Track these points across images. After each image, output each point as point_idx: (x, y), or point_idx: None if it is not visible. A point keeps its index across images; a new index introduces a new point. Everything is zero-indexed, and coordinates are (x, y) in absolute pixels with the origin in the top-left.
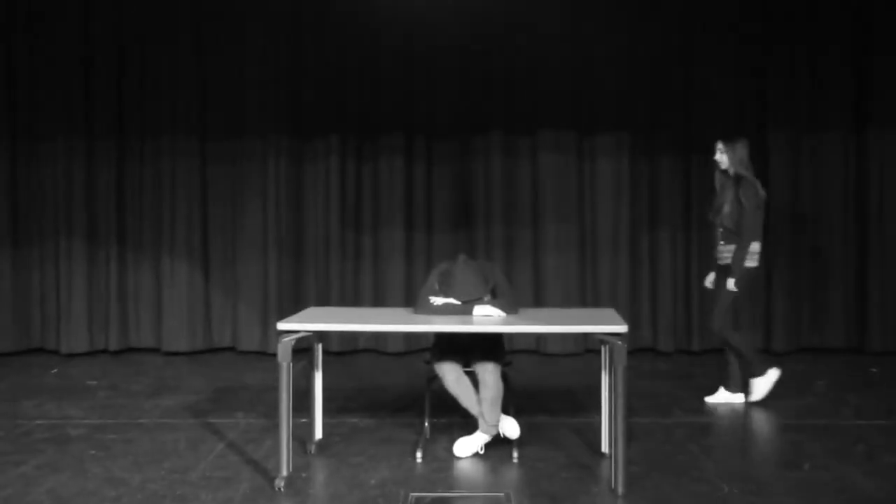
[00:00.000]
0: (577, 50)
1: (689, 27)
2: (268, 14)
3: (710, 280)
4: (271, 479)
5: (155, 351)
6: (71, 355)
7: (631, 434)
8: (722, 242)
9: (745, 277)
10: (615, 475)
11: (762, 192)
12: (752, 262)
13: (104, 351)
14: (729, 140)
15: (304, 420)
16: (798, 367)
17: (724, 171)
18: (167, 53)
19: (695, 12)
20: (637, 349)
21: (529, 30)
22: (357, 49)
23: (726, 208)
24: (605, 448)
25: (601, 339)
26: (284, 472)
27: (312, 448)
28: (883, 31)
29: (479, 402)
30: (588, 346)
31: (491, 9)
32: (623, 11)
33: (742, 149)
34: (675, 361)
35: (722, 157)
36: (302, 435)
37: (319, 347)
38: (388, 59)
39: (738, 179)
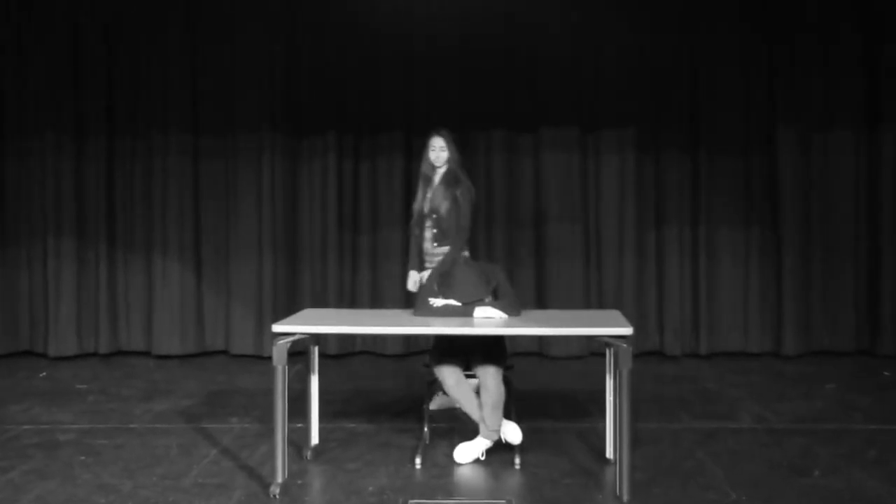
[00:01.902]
0: (580, 45)
1: (694, 21)
2: (264, 8)
3: (413, 282)
4: (266, 486)
5: (146, 354)
6: (59, 358)
7: (637, 440)
8: (435, 244)
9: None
10: (620, 482)
11: (474, 192)
12: None
13: (94, 354)
14: (448, 136)
15: (299, 425)
16: (808, 370)
17: (434, 168)
18: (159, 47)
19: (701, 6)
20: (643, 352)
21: (531, 25)
22: (355, 44)
23: (444, 208)
24: (609, 454)
25: (606, 341)
26: (279, 479)
27: (308, 454)
28: (893, 24)
29: (480, 406)
30: (592, 349)
31: (492, 4)
32: (627, 5)
33: (456, 145)
34: (682, 365)
35: (442, 154)
36: (298, 440)
37: (316, 350)
38: (387, 54)
39: (455, 178)
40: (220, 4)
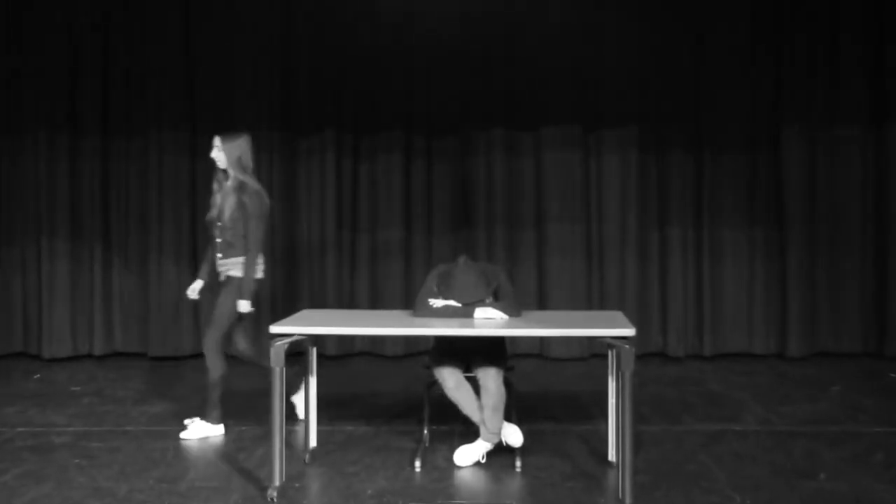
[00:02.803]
0: (582, 41)
1: (699, 17)
2: (261, 5)
3: (195, 289)
4: (264, 489)
5: (141, 356)
6: (54, 360)
7: (639, 442)
8: (220, 255)
9: (251, 291)
10: (622, 485)
11: (267, 200)
12: (258, 275)
13: (88, 355)
14: (227, 136)
15: (297, 427)
16: (813, 372)
17: (224, 172)
18: (156, 46)
19: (704, 4)
20: (645, 354)
21: (532, 23)
22: (354, 43)
23: (227, 216)
24: (611, 457)
25: (608, 343)
26: (277, 482)
27: (306, 457)
28: None
29: (481, 408)
30: (594, 351)
31: (493, 2)
32: (629, 3)
33: (242, 147)
34: (685, 367)
35: (219, 156)
36: (295, 443)
37: (314, 351)
38: (386, 52)
39: (239, 185)
40: (218, 2)
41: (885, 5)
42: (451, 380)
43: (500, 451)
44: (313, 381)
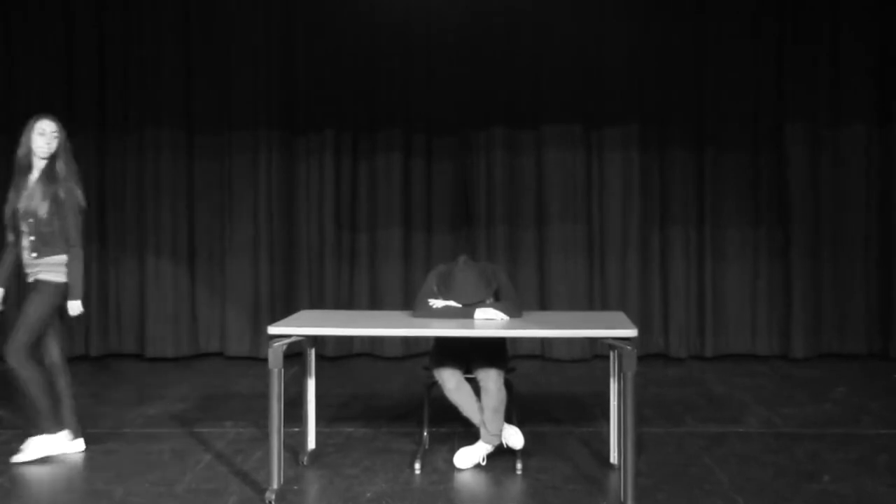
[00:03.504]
0: (583, 40)
1: (702, 13)
2: (261, 4)
3: None
4: (261, 492)
5: (138, 357)
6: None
7: (641, 444)
8: (34, 255)
9: (57, 294)
10: (624, 487)
11: (83, 198)
12: (63, 277)
13: (84, 357)
14: (59, 123)
15: (296, 429)
16: (817, 374)
17: (38, 159)
18: (154, 44)
19: (708, 2)
20: (647, 355)
21: (533, 20)
22: (353, 39)
23: (43, 211)
24: (613, 459)
25: (609, 343)
26: (275, 485)
27: (305, 459)
28: None
29: (481, 410)
30: (596, 352)
31: None
32: (632, 1)
33: (65, 137)
34: (687, 368)
35: (53, 142)
36: (294, 445)
37: (312, 352)
38: (385, 50)
39: (65, 175)
40: (218, 1)
41: (886, 1)
42: (451, 381)
43: (501, 454)
44: (312, 383)
